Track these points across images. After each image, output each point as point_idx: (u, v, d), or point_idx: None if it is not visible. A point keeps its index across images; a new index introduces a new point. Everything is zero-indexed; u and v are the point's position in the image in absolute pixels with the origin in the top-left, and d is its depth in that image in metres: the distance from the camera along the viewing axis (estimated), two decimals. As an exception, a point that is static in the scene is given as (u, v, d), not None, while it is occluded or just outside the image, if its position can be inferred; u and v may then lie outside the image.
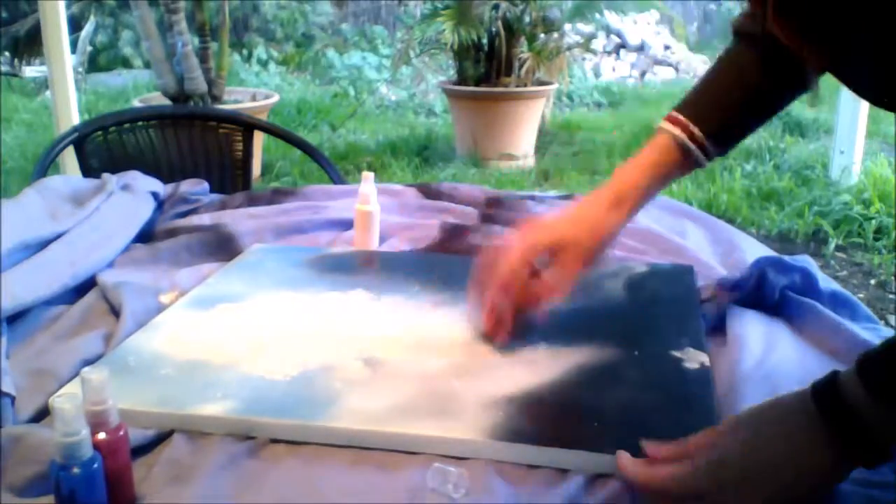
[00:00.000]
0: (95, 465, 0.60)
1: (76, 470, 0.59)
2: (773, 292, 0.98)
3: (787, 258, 1.02)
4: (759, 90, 0.92)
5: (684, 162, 0.92)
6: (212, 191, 1.51)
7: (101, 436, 0.62)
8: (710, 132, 0.91)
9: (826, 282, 1.02)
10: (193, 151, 1.92)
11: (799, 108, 5.48)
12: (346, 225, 1.31)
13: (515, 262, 0.89)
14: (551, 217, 0.95)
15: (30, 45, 6.52)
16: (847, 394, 0.60)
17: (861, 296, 2.97)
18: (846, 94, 3.94)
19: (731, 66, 0.94)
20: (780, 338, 0.92)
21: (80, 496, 0.59)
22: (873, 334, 0.91)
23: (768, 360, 0.87)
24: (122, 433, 0.64)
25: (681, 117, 0.92)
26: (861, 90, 0.60)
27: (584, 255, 0.91)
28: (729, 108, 0.93)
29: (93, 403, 0.62)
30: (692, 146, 0.91)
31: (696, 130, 0.91)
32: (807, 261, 1.02)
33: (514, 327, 0.89)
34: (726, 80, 0.94)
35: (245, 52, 7.74)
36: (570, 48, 5.25)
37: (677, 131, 0.91)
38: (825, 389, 0.62)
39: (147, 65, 6.51)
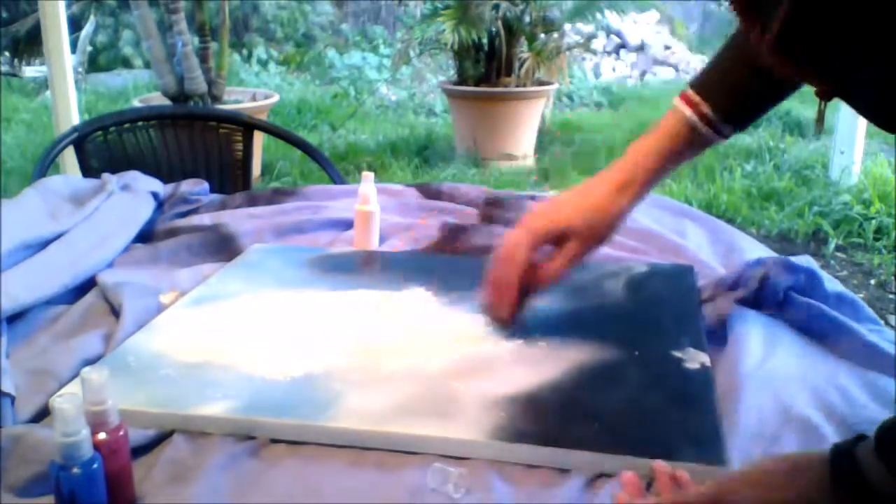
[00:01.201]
0: (95, 466, 0.60)
1: (76, 470, 0.59)
2: (777, 293, 0.98)
3: (791, 259, 1.02)
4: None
5: (695, 141, 0.90)
6: (212, 191, 1.51)
7: (102, 436, 0.62)
8: (723, 110, 0.89)
9: (831, 283, 1.02)
10: (193, 151, 1.92)
11: (799, 108, 5.48)
12: (346, 225, 1.31)
13: (521, 247, 0.89)
14: (558, 201, 0.93)
15: (30, 45, 6.52)
16: (866, 470, 0.57)
17: (861, 296, 2.96)
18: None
19: (744, 42, 0.89)
20: (783, 338, 0.92)
21: (80, 496, 0.59)
22: (878, 336, 0.91)
23: (769, 361, 0.87)
24: (122, 433, 0.64)
25: (693, 95, 0.89)
26: (868, 115, 0.58)
27: (590, 241, 0.90)
28: (741, 86, 0.90)
29: (93, 403, 0.62)
30: (702, 126, 0.89)
31: (706, 109, 0.88)
32: (809, 262, 1.02)
33: (518, 306, 0.90)
34: (738, 57, 0.90)
35: (245, 52, 7.74)
36: (570, 48, 5.25)
37: (688, 111, 0.89)
38: (843, 462, 0.59)
39: (147, 65, 6.51)
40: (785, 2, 0.49)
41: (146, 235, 1.29)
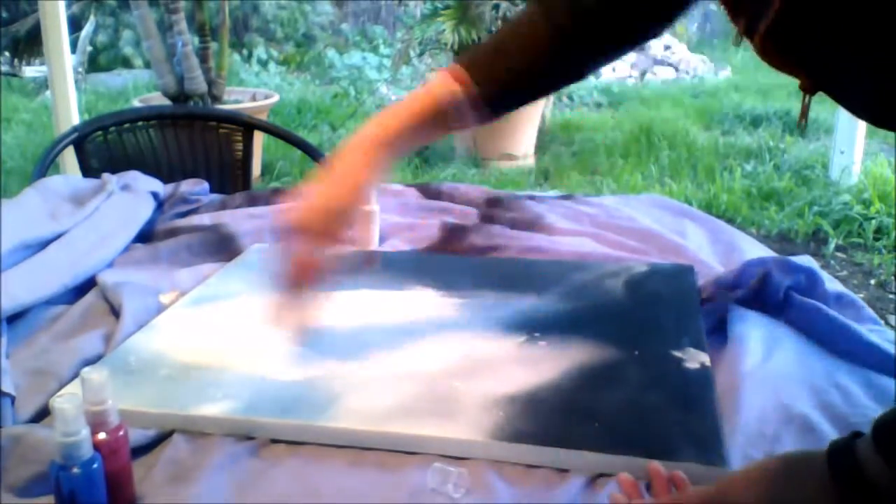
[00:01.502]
0: (95, 466, 0.60)
1: (76, 470, 0.59)
2: (778, 293, 0.98)
3: (791, 259, 1.02)
4: (539, 63, 0.86)
5: (448, 118, 0.85)
6: (212, 191, 1.51)
7: (101, 436, 0.62)
8: (492, 93, 0.85)
9: (831, 283, 1.02)
10: (193, 151, 1.92)
11: (799, 108, 5.47)
12: (346, 225, 1.31)
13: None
14: (316, 192, 0.86)
15: (30, 45, 6.52)
16: (864, 464, 0.57)
17: (861, 296, 2.96)
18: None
19: (520, 25, 0.88)
20: (783, 338, 0.92)
21: (80, 496, 0.59)
22: (879, 336, 0.91)
23: (769, 361, 0.87)
24: (122, 433, 0.64)
25: (459, 72, 0.85)
26: (857, 111, 0.58)
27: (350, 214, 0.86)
28: (509, 70, 0.86)
29: (93, 403, 0.62)
30: (463, 101, 0.84)
31: (474, 89, 0.84)
32: (810, 262, 1.02)
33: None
34: (512, 41, 0.88)
35: (245, 52, 7.74)
36: (570, 48, 5.24)
37: (452, 83, 0.85)
38: (841, 458, 0.59)
39: (147, 65, 6.51)
40: (771, 14, 0.49)
41: (146, 235, 1.29)
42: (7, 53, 6.88)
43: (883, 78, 0.50)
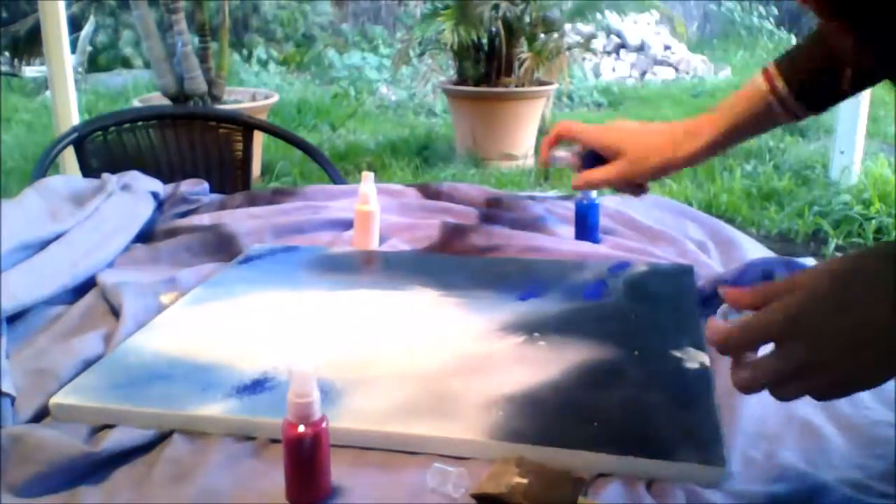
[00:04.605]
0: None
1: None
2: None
3: (795, 259, 1.02)
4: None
5: (764, 113, 0.93)
6: (212, 191, 1.51)
7: (301, 428, 0.65)
8: (796, 87, 0.91)
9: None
10: (193, 151, 1.92)
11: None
12: (346, 225, 1.31)
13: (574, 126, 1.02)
14: (622, 124, 1.00)
15: (30, 45, 6.52)
16: None
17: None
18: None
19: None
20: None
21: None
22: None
23: (768, 360, 0.87)
24: (324, 425, 0.66)
25: (772, 68, 0.92)
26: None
27: (637, 168, 0.97)
28: (817, 68, 0.91)
29: (298, 396, 0.64)
30: (772, 98, 0.92)
31: (779, 83, 0.91)
32: (812, 264, 1.02)
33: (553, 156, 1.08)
34: (820, 39, 0.91)
35: (245, 52, 7.74)
36: (570, 48, 5.24)
37: (762, 82, 0.92)
38: None
39: (147, 65, 6.50)
40: None
41: (146, 235, 1.29)
42: (7, 53, 6.88)
43: None
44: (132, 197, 1.32)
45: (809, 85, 0.92)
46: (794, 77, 0.91)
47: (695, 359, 0.86)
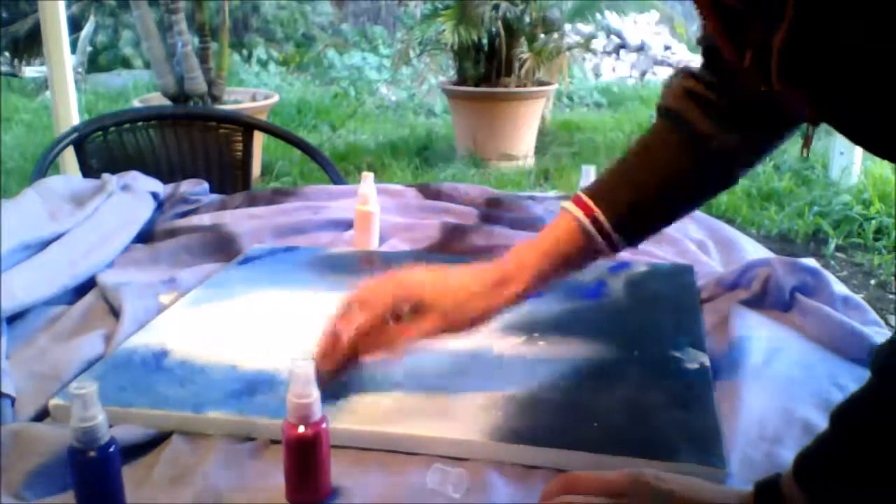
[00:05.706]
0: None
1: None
2: (783, 294, 0.98)
3: (797, 260, 1.02)
4: (678, 177, 0.82)
5: (587, 247, 0.82)
6: (212, 191, 1.51)
7: (301, 429, 0.65)
8: (618, 219, 0.81)
9: (837, 285, 1.02)
10: (193, 151, 1.92)
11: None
12: (346, 225, 1.31)
13: (370, 312, 0.80)
14: (424, 273, 0.82)
15: (30, 45, 6.52)
16: (789, 501, 0.59)
17: (861, 296, 2.95)
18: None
19: (648, 149, 0.84)
20: (785, 339, 0.92)
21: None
22: (883, 339, 0.91)
23: (772, 362, 0.87)
24: (324, 426, 0.66)
25: (586, 199, 0.82)
26: (862, 143, 0.57)
27: (447, 325, 0.80)
28: (641, 195, 0.82)
29: (298, 396, 0.64)
30: (593, 231, 0.81)
31: (600, 216, 0.80)
32: (815, 265, 1.02)
33: (345, 363, 0.80)
34: (642, 163, 0.84)
35: (245, 52, 7.74)
36: (570, 48, 5.24)
37: (580, 214, 0.81)
38: (767, 497, 0.61)
39: (147, 65, 6.50)
40: (785, 24, 0.48)
41: (146, 235, 1.29)
42: (7, 53, 6.88)
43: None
44: (132, 197, 1.32)
45: (631, 215, 0.82)
46: (614, 208, 0.81)
47: (695, 359, 0.86)
